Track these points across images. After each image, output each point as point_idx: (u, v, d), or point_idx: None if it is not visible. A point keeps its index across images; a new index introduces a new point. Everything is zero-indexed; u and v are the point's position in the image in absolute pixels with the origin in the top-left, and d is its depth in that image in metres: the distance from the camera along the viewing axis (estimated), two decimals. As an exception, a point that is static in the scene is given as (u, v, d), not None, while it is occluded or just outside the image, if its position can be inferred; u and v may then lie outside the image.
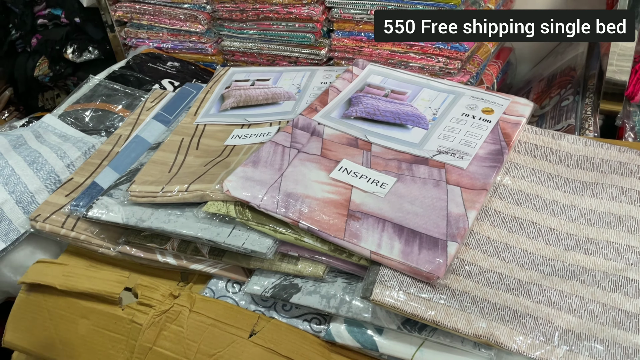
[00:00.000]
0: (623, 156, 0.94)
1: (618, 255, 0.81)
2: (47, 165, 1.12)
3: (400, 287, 0.78)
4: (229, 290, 0.90)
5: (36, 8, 1.88)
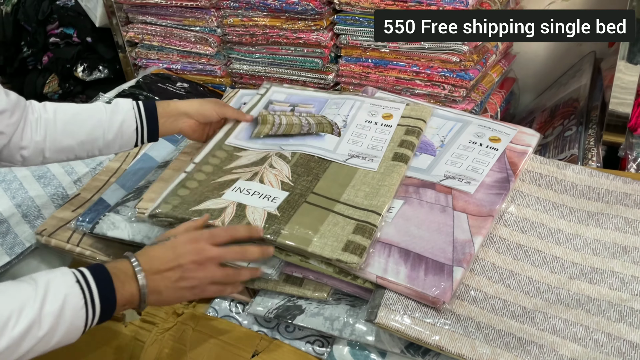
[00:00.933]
0: (627, 187, 0.95)
1: (623, 286, 0.81)
2: (55, 180, 1.12)
3: (405, 311, 0.78)
4: (233, 310, 0.90)
5: (49, 27, 1.91)
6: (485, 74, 1.41)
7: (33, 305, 0.62)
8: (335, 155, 1.00)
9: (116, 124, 0.95)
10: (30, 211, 1.06)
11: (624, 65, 1.14)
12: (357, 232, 0.84)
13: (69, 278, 0.67)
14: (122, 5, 1.64)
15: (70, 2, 1.85)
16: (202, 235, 0.78)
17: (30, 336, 0.62)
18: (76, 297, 0.65)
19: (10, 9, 1.94)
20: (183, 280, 0.74)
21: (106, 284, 0.69)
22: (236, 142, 1.06)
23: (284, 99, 1.19)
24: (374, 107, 1.11)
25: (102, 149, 0.96)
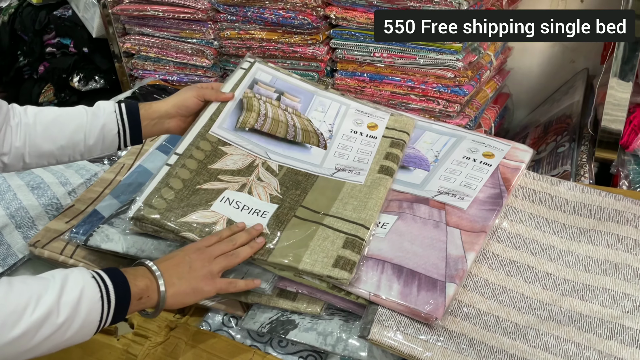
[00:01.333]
0: (619, 204, 0.95)
1: (614, 303, 0.81)
2: (49, 191, 1.12)
3: (398, 328, 0.78)
4: (226, 324, 0.90)
5: (46, 37, 1.92)
6: (480, 90, 1.43)
7: (51, 293, 0.65)
8: (322, 169, 1.01)
9: (97, 127, 0.93)
10: (24, 222, 1.06)
11: (616, 83, 1.15)
12: (346, 247, 0.85)
13: (85, 273, 0.70)
14: (120, 17, 1.65)
15: (68, 13, 1.86)
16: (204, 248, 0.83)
17: (48, 323, 0.64)
18: (93, 290, 0.68)
19: (7, 18, 1.94)
20: (193, 270, 0.79)
21: (119, 279, 0.72)
22: (221, 133, 1.00)
23: (269, 81, 1.12)
24: (359, 114, 1.11)
25: (83, 153, 0.95)
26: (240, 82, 1.09)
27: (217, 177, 0.96)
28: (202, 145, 0.98)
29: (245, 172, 0.98)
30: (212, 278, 0.80)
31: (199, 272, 0.79)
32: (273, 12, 1.39)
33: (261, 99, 1.08)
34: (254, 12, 1.42)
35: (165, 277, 0.76)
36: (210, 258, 0.81)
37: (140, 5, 1.56)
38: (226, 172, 0.97)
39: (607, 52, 1.48)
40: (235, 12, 1.45)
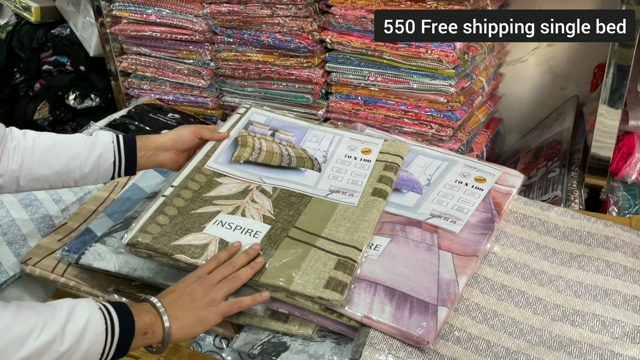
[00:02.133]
0: (609, 230, 0.97)
1: (604, 329, 0.82)
2: (42, 209, 1.12)
3: (389, 351, 0.78)
4: (217, 346, 0.90)
5: (43, 54, 1.93)
6: (472, 114, 1.45)
7: (57, 321, 0.66)
8: (316, 190, 1.01)
9: (94, 156, 0.95)
10: (16, 239, 1.05)
11: (605, 110, 1.17)
12: (338, 268, 0.85)
13: (92, 304, 0.71)
14: (117, 36, 1.67)
15: (66, 31, 1.88)
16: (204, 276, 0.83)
17: (51, 350, 0.65)
18: (98, 322, 0.69)
19: (4, 35, 1.95)
20: (195, 301, 0.79)
21: (125, 312, 0.72)
22: (216, 167, 1.03)
23: (264, 121, 1.17)
24: (353, 141, 1.13)
25: (77, 180, 0.96)
26: (236, 123, 1.14)
27: (212, 202, 0.97)
28: (197, 177, 1.01)
29: (239, 196, 0.99)
30: (215, 305, 0.80)
31: (201, 302, 0.79)
32: (270, 35, 1.41)
33: (255, 136, 1.12)
34: (251, 35, 1.44)
35: (169, 311, 0.76)
36: (212, 285, 0.81)
37: (138, 26, 1.58)
38: (220, 198, 0.99)
39: (596, 80, 1.51)
40: (232, 35, 1.47)
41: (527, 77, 1.63)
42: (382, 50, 1.29)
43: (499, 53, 1.53)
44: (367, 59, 1.33)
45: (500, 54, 1.55)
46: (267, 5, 1.39)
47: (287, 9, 1.37)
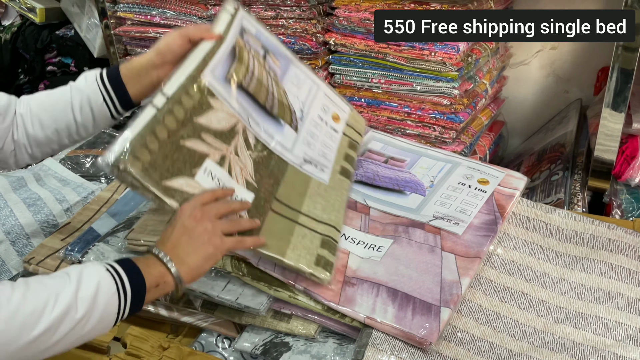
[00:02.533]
0: (612, 233, 0.96)
1: (607, 331, 0.82)
2: (46, 209, 1.12)
3: (392, 351, 0.78)
4: (219, 346, 0.90)
5: (47, 55, 1.93)
6: (475, 117, 1.45)
7: (69, 290, 0.66)
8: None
9: (84, 102, 0.89)
10: (19, 238, 1.05)
11: (608, 113, 1.17)
12: (324, 247, 0.88)
13: (99, 267, 0.71)
14: (122, 38, 1.67)
15: (70, 33, 1.88)
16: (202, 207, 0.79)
17: (67, 319, 0.65)
18: (108, 283, 0.69)
19: (9, 36, 1.96)
20: (194, 239, 0.76)
21: (133, 269, 0.72)
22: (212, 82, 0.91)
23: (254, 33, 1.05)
24: (326, 100, 1.12)
25: (79, 131, 0.91)
26: (229, 26, 0.98)
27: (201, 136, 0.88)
28: (191, 91, 0.88)
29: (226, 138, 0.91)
30: (218, 238, 0.77)
31: (202, 239, 0.76)
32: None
33: (251, 51, 1.02)
34: (255, 37, 1.44)
35: (173, 258, 0.75)
36: (210, 218, 0.77)
37: (142, 27, 1.59)
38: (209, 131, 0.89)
39: (600, 83, 1.51)
40: (236, 36, 1.48)
41: (531, 80, 1.63)
42: (385, 52, 1.29)
43: (502, 56, 1.53)
44: (371, 61, 1.33)
45: (504, 56, 1.55)
46: (271, 7, 1.39)
47: (291, 11, 1.38)
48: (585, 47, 1.53)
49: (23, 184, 1.18)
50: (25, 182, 1.20)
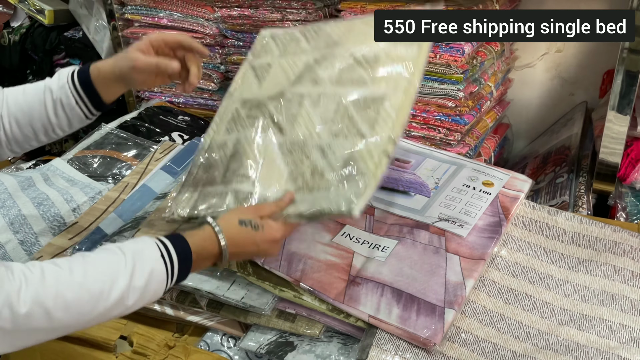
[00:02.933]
0: (617, 236, 0.97)
1: (611, 333, 0.82)
2: (54, 208, 1.13)
3: (396, 352, 0.78)
4: (224, 345, 0.90)
5: (55, 57, 1.95)
6: (480, 119, 1.45)
7: (123, 278, 0.69)
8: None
9: (56, 103, 0.87)
10: (28, 238, 1.07)
11: (613, 116, 1.17)
12: None
13: (154, 252, 0.73)
14: (129, 40, 1.69)
15: (78, 34, 1.90)
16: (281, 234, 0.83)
17: (120, 305, 0.69)
18: (160, 272, 0.72)
19: (18, 37, 1.98)
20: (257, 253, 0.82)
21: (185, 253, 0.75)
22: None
23: None
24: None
25: (55, 129, 0.90)
26: None
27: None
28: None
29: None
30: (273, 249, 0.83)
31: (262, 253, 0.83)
32: (279, 39, 1.43)
33: None
34: (261, 39, 1.45)
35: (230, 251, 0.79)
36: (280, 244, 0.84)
37: (149, 29, 1.60)
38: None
39: (605, 86, 1.51)
40: (242, 38, 1.49)
41: (536, 82, 1.63)
42: (391, 54, 1.30)
43: (507, 58, 1.54)
44: (376, 63, 1.34)
45: (509, 59, 1.56)
46: (277, 10, 1.40)
47: (297, 14, 1.38)
48: (590, 50, 1.53)
49: (31, 184, 1.20)
50: (34, 182, 1.21)
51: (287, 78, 0.97)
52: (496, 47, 1.40)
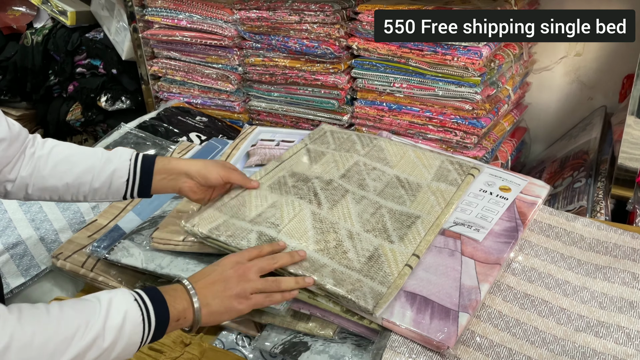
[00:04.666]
0: (636, 243, 0.95)
1: (629, 341, 0.81)
2: (74, 206, 1.15)
3: (410, 354, 0.78)
4: (239, 344, 0.91)
5: (77, 57, 1.98)
6: (497, 123, 1.44)
7: (98, 319, 0.68)
8: None
9: (107, 171, 0.90)
10: (48, 234, 1.09)
11: (633, 121, 1.16)
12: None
13: (128, 296, 0.72)
14: (149, 41, 1.71)
15: (99, 35, 1.93)
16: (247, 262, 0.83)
17: (95, 347, 0.67)
18: (135, 314, 0.70)
19: (40, 38, 2.02)
20: (228, 289, 0.79)
21: (159, 301, 0.73)
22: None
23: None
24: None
25: (87, 194, 0.92)
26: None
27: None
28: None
29: None
30: (246, 297, 0.80)
31: (234, 290, 0.79)
32: (297, 41, 1.44)
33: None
34: (279, 41, 1.46)
35: (200, 297, 0.77)
36: (247, 275, 0.80)
37: (169, 31, 1.62)
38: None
39: (625, 90, 1.49)
40: (260, 40, 1.50)
41: (554, 86, 1.62)
42: (408, 57, 1.30)
43: (525, 62, 1.53)
44: (393, 65, 1.34)
45: (527, 62, 1.55)
46: (295, 12, 1.41)
47: (315, 16, 1.39)
48: (610, 54, 1.51)
49: (52, 182, 1.22)
50: (55, 180, 1.23)
51: (337, 169, 1.09)
52: (514, 50, 1.39)
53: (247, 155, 1.21)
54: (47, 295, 1.02)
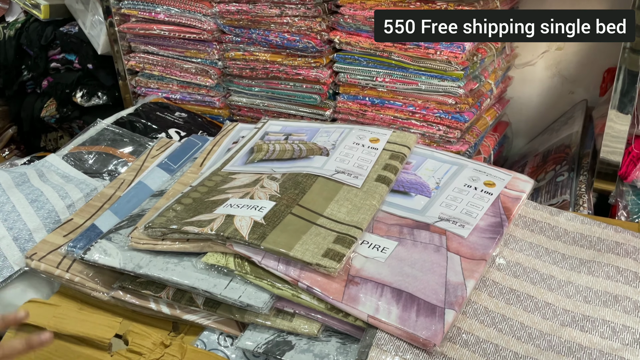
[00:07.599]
0: (619, 236, 0.96)
1: (614, 335, 0.81)
2: (48, 205, 1.12)
3: (396, 352, 0.77)
4: (221, 344, 0.89)
5: (51, 52, 1.93)
6: (480, 117, 1.44)
7: None
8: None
9: None
10: (22, 234, 1.05)
11: (614, 115, 1.17)
12: (337, 242, 0.88)
13: None
14: (125, 35, 1.67)
15: (74, 29, 1.88)
16: None
17: None
18: None
19: (13, 32, 1.96)
20: None
21: None
22: (231, 169, 1.11)
23: (279, 129, 1.24)
24: (362, 132, 1.16)
25: None
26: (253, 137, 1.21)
27: (225, 192, 1.02)
28: (214, 178, 1.08)
29: (250, 185, 1.03)
30: None
31: None
32: (278, 34, 1.41)
33: (270, 142, 1.18)
34: (259, 35, 1.44)
35: None
36: None
37: (146, 24, 1.58)
38: (233, 188, 1.03)
39: (605, 84, 1.50)
40: (240, 34, 1.47)
41: (536, 80, 1.63)
42: (390, 51, 1.28)
43: (507, 56, 1.53)
44: (376, 59, 1.33)
45: (509, 57, 1.55)
46: (275, 5, 1.38)
47: (295, 9, 1.37)
48: (591, 48, 1.52)
49: (25, 180, 1.18)
50: (28, 178, 1.19)
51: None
52: (496, 45, 1.39)
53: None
54: (21, 297, 0.98)
